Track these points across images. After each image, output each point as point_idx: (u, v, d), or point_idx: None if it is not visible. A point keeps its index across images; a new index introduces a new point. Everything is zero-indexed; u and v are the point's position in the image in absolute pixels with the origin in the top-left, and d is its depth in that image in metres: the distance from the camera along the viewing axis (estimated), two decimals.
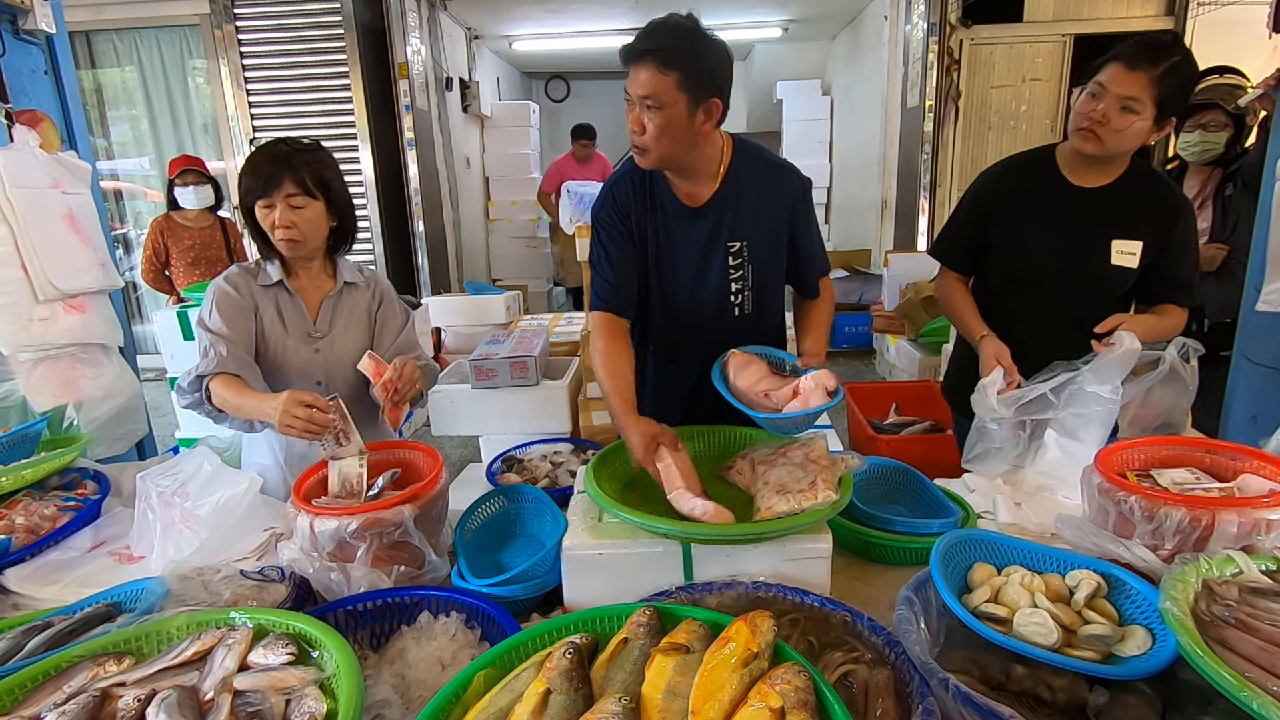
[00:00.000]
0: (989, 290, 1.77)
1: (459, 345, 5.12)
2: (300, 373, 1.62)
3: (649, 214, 1.56)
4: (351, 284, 1.69)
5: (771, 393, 1.29)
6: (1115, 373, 1.44)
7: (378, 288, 1.74)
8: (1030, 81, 5.25)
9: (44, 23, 2.36)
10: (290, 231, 1.53)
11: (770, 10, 6.74)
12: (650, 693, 0.77)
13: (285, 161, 1.51)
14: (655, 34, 1.35)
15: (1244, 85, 2.43)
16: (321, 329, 1.64)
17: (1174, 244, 1.60)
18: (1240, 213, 2.38)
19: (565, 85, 9.89)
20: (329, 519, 1.16)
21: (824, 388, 1.24)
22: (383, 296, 1.73)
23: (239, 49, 5.13)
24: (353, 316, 1.68)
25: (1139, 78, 1.44)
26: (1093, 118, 1.49)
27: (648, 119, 1.37)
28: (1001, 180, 1.73)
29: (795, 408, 1.24)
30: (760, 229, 1.54)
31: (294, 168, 1.51)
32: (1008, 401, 1.49)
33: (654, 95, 1.34)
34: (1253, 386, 2.01)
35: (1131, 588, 0.94)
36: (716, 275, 1.56)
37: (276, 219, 1.52)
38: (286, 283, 1.62)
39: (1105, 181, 1.61)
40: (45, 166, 2.23)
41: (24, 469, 1.49)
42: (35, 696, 0.85)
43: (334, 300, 1.66)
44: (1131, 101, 1.45)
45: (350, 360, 1.62)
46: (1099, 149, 1.51)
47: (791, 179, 1.56)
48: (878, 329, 5.28)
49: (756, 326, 1.63)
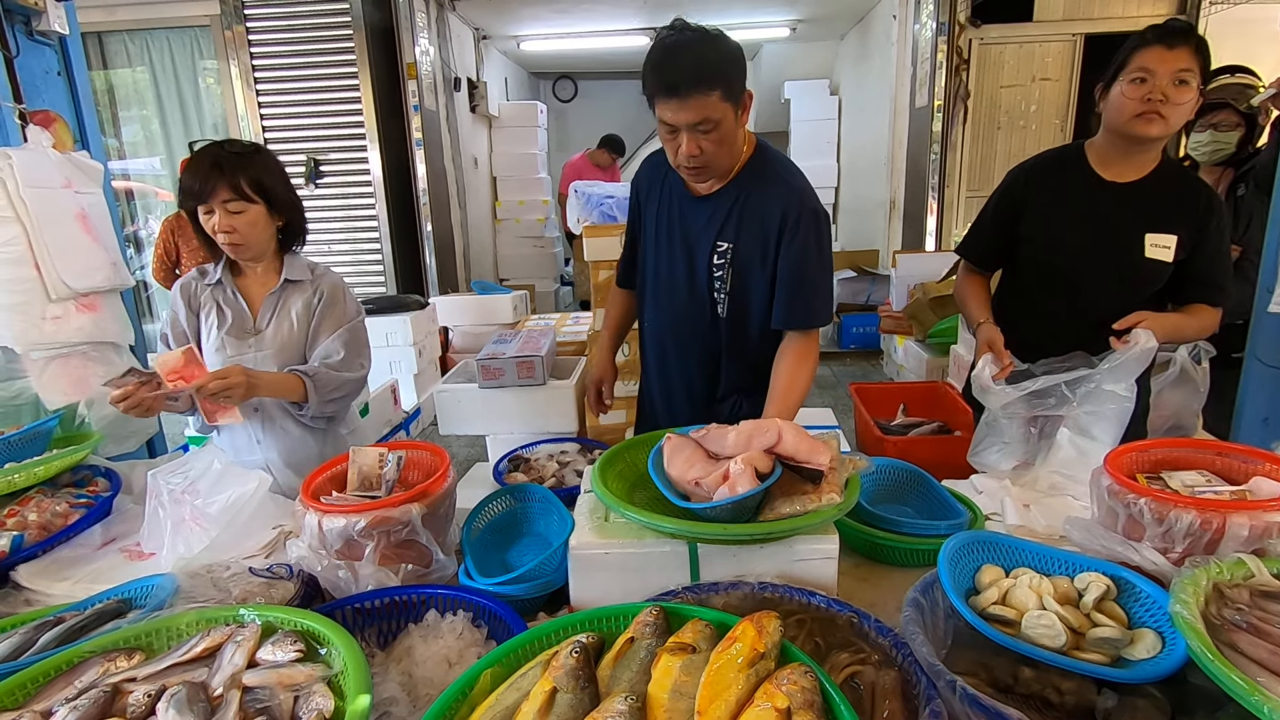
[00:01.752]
0: (1022, 286, 1.77)
1: (466, 345, 5.14)
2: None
3: (660, 196, 1.62)
4: (295, 281, 1.71)
5: (701, 480, 1.13)
6: (1130, 371, 1.42)
7: (321, 285, 1.74)
8: (1040, 81, 5.22)
9: (57, 24, 2.38)
10: (231, 236, 1.58)
11: (778, 10, 6.73)
12: (656, 692, 0.77)
13: (219, 168, 1.54)
14: (689, 65, 1.32)
15: (1256, 85, 2.41)
16: (260, 325, 1.69)
17: (1208, 241, 1.59)
18: (1253, 213, 2.36)
19: (573, 85, 9.89)
20: (337, 517, 1.16)
21: (753, 470, 1.09)
22: (324, 295, 1.73)
23: (249, 50, 5.16)
24: (292, 313, 1.70)
25: (1182, 53, 1.45)
26: (1152, 98, 1.48)
27: (703, 142, 1.38)
28: (1032, 176, 1.72)
29: (724, 494, 1.08)
30: (746, 239, 1.52)
31: (228, 173, 1.55)
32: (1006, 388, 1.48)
33: (707, 119, 1.35)
34: (1265, 389, 1.99)
35: (1141, 591, 0.94)
36: (703, 268, 1.58)
37: (216, 224, 1.57)
38: (230, 282, 1.69)
39: (1137, 176, 1.61)
40: (58, 166, 2.25)
41: (36, 466, 1.51)
42: (47, 691, 0.86)
43: (275, 297, 1.70)
44: (1185, 74, 1.46)
45: (285, 357, 1.68)
46: (1163, 128, 1.50)
47: (790, 201, 1.49)
48: (885, 329, 5.27)
49: (739, 335, 1.61)
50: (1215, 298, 1.62)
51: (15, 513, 1.43)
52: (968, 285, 1.81)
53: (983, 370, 1.53)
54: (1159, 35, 1.47)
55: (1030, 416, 1.50)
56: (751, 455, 1.12)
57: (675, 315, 1.65)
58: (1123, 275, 1.62)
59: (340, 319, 1.73)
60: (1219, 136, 2.41)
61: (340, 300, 1.75)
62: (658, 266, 1.64)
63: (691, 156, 1.40)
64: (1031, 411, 1.49)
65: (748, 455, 1.11)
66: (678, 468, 1.17)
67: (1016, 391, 1.48)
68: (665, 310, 1.67)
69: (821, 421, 2.80)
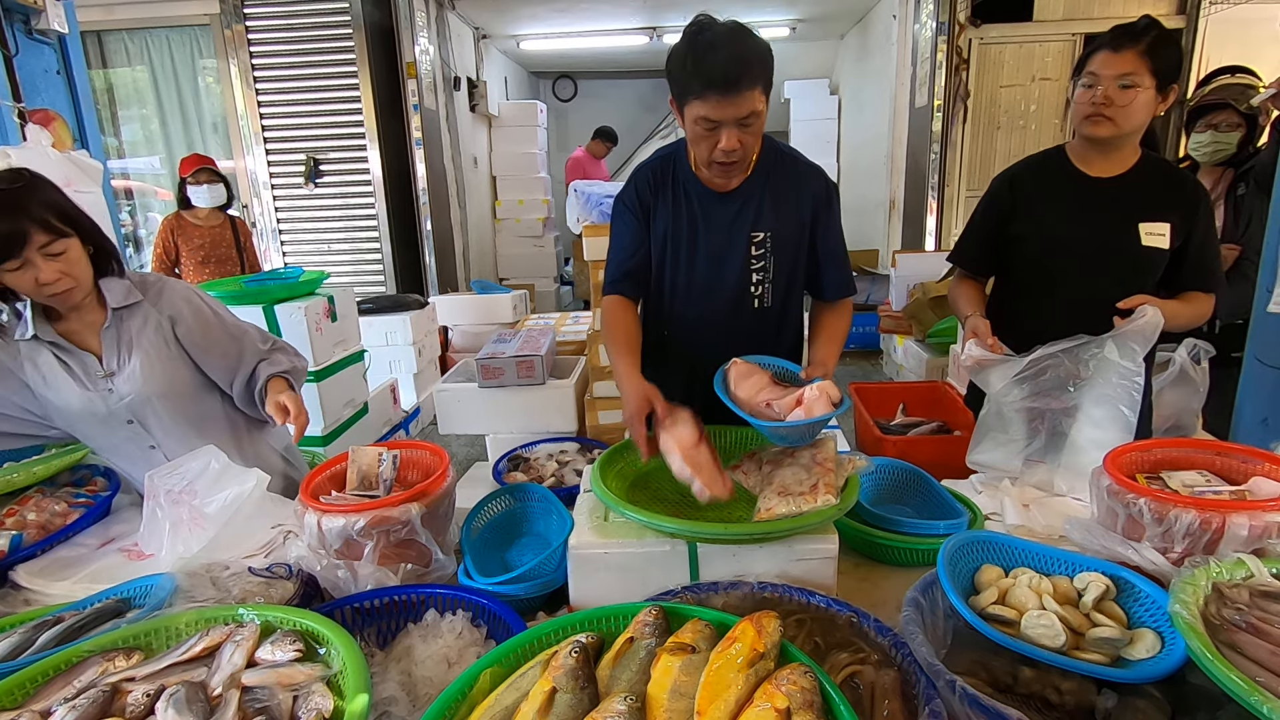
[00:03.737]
0: (1020, 287, 1.77)
1: (466, 344, 5.14)
2: (107, 421, 1.47)
3: (670, 200, 1.57)
4: (126, 307, 1.46)
5: (774, 402, 1.27)
6: (1138, 344, 1.41)
7: (164, 308, 1.50)
8: (1040, 81, 5.22)
9: (56, 23, 2.38)
10: (61, 282, 1.32)
11: (778, 9, 6.73)
12: (656, 692, 0.77)
13: (21, 209, 1.26)
14: (735, 61, 1.30)
15: (1256, 85, 2.41)
16: (109, 367, 1.44)
17: (1198, 228, 1.62)
18: (1253, 213, 2.36)
19: (573, 85, 9.89)
20: (336, 516, 1.16)
21: (828, 397, 1.22)
22: (174, 319, 1.50)
23: (249, 49, 5.16)
24: (140, 343, 1.46)
25: (1127, 55, 1.50)
26: (1096, 102, 1.53)
27: (743, 136, 1.37)
28: (1017, 179, 1.74)
29: (799, 416, 1.22)
30: (784, 223, 1.55)
31: (32, 213, 1.27)
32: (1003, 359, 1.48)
33: (753, 112, 1.34)
34: (1264, 389, 1.99)
35: (1140, 590, 0.94)
36: (737, 263, 1.57)
37: (39, 277, 1.29)
38: (49, 331, 1.41)
39: (1119, 171, 1.64)
40: (57, 165, 2.25)
41: (35, 465, 1.51)
42: (46, 691, 0.86)
43: (112, 332, 1.45)
44: (1127, 77, 1.50)
45: (159, 388, 1.46)
46: (1112, 130, 1.55)
47: (817, 179, 1.58)
48: (885, 329, 5.27)
49: (778, 323, 1.64)
50: (1209, 283, 1.65)
51: (14, 512, 1.43)
52: (961, 289, 1.82)
53: (971, 349, 1.53)
54: (1110, 38, 1.53)
55: (1032, 408, 1.47)
56: (825, 384, 1.24)
57: (710, 317, 1.62)
58: (1122, 265, 1.63)
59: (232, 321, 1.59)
60: (1219, 137, 2.41)
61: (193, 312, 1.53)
62: (677, 271, 1.60)
63: (732, 151, 1.38)
64: (1033, 396, 1.46)
65: (822, 384, 1.24)
66: (747, 389, 1.30)
67: (1014, 367, 1.46)
68: (697, 314, 1.63)
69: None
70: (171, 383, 1.49)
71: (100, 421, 1.48)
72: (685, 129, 1.43)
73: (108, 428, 1.49)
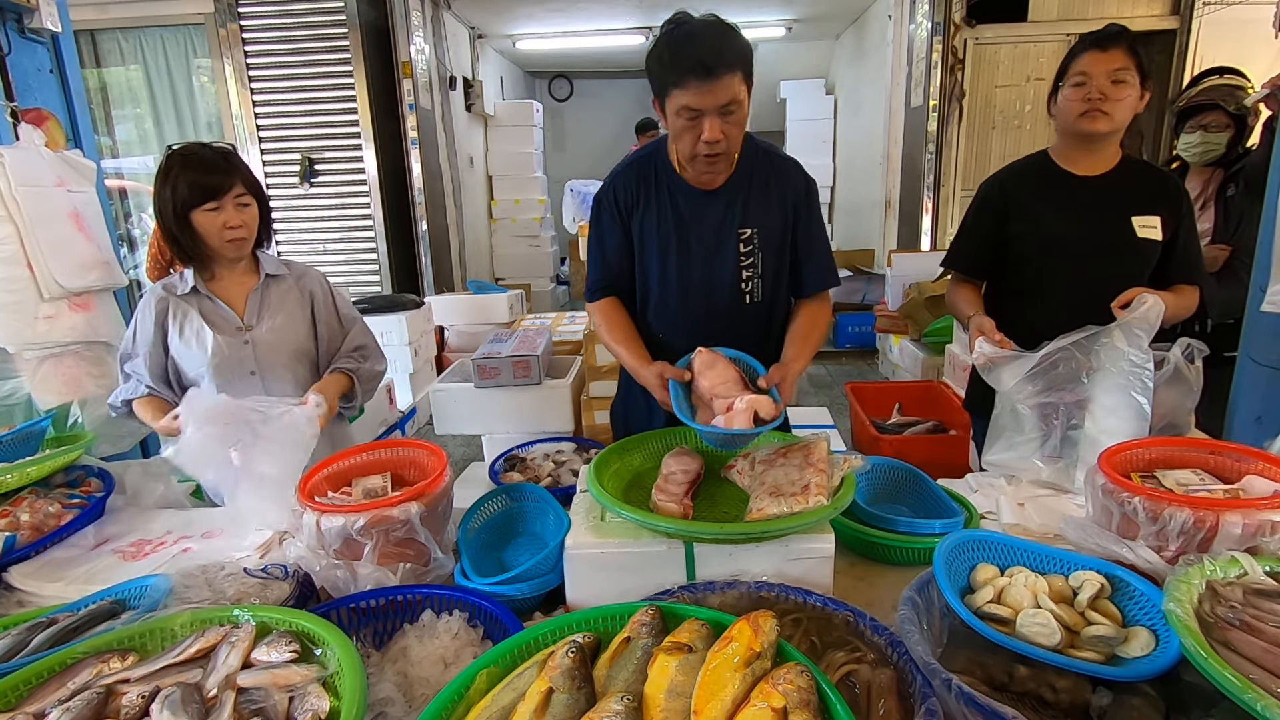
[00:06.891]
0: (1018, 287, 1.78)
1: (462, 344, 5.14)
2: (235, 366, 1.68)
3: (655, 201, 1.57)
4: (275, 276, 1.75)
5: (716, 400, 1.26)
6: (1144, 331, 1.42)
7: (308, 281, 1.79)
8: (1034, 81, 5.24)
9: (49, 21, 2.37)
10: (239, 231, 1.61)
11: (774, 9, 6.74)
12: (653, 692, 0.77)
13: (229, 164, 1.60)
14: (713, 47, 1.31)
15: (1245, 86, 2.42)
16: (249, 322, 1.70)
17: (1183, 223, 1.67)
18: (1243, 214, 2.37)
19: (569, 84, 9.89)
20: (335, 516, 1.16)
21: (754, 412, 1.18)
22: (313, 299, 1.78)
23: (243, 48, 5.14)
24: (282, 307, 1.73)
25: (1116, 53, 1.56)
26: (1091, 98, 1.58)
27: (725, 126, 1.37)
28: (1006, 183, 1.78)
29: (718, 424, 1.19)
30: (770, 218, 1.57)
31: (237, 169, 1.61)
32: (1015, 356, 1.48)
33: (735, 99, 1.35)
34: (1258, 388, 2.00)
35: (1135, 589, 0.94)
36: (729, 260, 1.57)
37: (227, 220, 1.59)
38: (205, 287, 1.69)
39: (1104, 170, 1.69)
40: (50, 165, 2.24)
41: (29, 466, 1.50)
42: (40, 693, 0.86)
43: (259, 294, 1.72)
44: (1120, 72, 1.56)
45: (284, 350, 1.72)
46: (1108, 124, 1.60)
47: (796, 173, 1.60)
48: (881, 329, 5.29)
49: (768, 316, 1.65)
50: (1194, 276, 1.70)
51: (8, 513, 1.42)
52: (958, 291, 1.83)
53: (982, 346, 1.53)
54: (1094, 40, 1.59)
55: (1046, 404, 1.47)
56: (759, 400, 1.20)
57: (700, 316, 1.62)
58: (1120, 258, 1.66)
59: (348, 314, 1.83)
60: (1209, 138, 2.42)
61: (339, 297, 1.82)
62: (669, 271, 1.60)
63: (716, 141, 1.38)
64: (1046, 391, 1.46)
65: (755, 399, 1.20)
66: (710, 379, 1.30)
67: (1027, 363, 1.46)
68: (691, 313, 1.63)
69: (817, 420, 2.80)
70: (298, 345, 1.74)
71: (229, 368, 1.67)
72: (668, 125, 1.43)
73: (231, 376, 1.68)
